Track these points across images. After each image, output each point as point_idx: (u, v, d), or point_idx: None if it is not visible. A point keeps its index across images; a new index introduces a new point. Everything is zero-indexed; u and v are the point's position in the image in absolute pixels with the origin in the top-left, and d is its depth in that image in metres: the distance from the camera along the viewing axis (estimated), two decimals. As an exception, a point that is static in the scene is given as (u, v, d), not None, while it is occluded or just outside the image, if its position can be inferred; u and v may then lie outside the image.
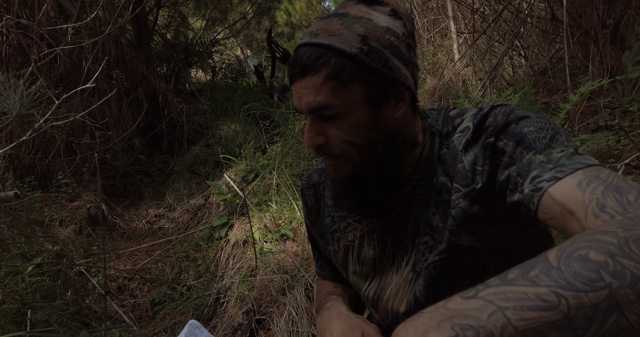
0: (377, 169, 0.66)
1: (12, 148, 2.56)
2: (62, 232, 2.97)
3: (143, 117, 4.17)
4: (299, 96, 0.62)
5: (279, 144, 3.74)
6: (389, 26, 0.62)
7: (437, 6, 4.33)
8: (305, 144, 0.65)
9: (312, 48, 0.60)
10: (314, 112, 0.62)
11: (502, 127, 0.60)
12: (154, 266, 2.89)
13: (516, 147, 0.58)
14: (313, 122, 0.64)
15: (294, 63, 0.62)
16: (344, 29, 0.60)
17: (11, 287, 1.92)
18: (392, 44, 0.61)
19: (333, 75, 0.59)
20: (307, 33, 0.63)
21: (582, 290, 0.35)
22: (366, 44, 0.60)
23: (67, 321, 2.00)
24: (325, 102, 0.60)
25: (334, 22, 0.61)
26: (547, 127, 0.58)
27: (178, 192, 4.04)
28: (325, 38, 0.60)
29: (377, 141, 0.64)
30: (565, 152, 0.55)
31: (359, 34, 0.60)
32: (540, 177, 0.53)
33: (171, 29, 5.83)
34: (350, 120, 0.62)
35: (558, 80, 2.78)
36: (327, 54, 0.59)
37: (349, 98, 0.61)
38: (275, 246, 2.49)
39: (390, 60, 0.61)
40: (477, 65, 3.37)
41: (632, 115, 2.05)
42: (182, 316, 2.35)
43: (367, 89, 0.61)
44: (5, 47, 3.39)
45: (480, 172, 0.62)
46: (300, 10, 9.61)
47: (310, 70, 0.60)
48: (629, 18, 2.45)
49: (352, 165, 0.66)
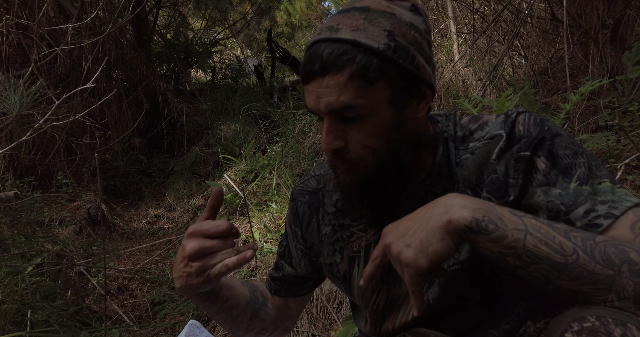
0: (397, 172, 0.62)
1: (12, 148, 2.56)
2: (62, 233, 2.97)
3: (143, 117, 4.17)
4: (316, 96, 0.57)
5: (279, 144, 3.74)
6: (412, 22, 0.58)
7: (437, 6, 4.33)
8: (324, 147, 0.60)
9: (334, 44, 0.55)
10: (334, 113, 0.57)
11: (538, 141, 0.59)
12: (154, 266, 2.89)
13: (552, 169, 0.58)
14: (332, 124, 0.59)
15: (311, 60, 0.57)
16: (368, 24, 0.56)
17: (11, 288, 1.92)
18: (416, 41, 0.58)
19: (359, 74, 0.55)
20: (325, 28, 0.58)
21: (596, 261, 0.46)
22: (393, 40, 0.55)
23: (67, 321, 2.00)
24: (350, 102, 0.55)
25: (356, 16, 0.57)
26: (580, 151, 0.58)
27: (178, 192, 4.04)
28: (349, 33, 0.55)
29: (400, 144, 0.60)
30: (606, 185, 0.56)
31: (384, 29, 0.56)
32: (595, 212, 0.54)
33: (171, 29, 5.83)
34: (373, 121, 0.58)
35: (558, 80, 2.78)
36: (352, 50, 0.54)
37: (374, 98, 0.56)
38: (275, 246, 2.49)
39: (416, 58, 0.57)
40: (477, 65, 3.37)
41: (632, 115, 2.05)
42: (182, 316, 2.35)
43: (393, 88, 0.57)
44: (5, 47, 3.39)
45: (513, 185, 0.60)
46: (300, 11, 9.61)
47: (333, 68, 0.55)
48: (629, 18, 2.45)
49: (367, 170, 0.61)
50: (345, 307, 1.96)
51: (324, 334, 1.87)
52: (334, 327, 1.90)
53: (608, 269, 0.46)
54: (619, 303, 0.46)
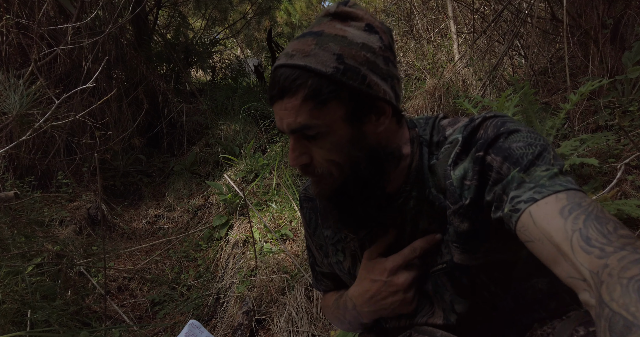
0: (360, 185, 0.66)
1: (12, 148, 2.56)
2: (62, 232, 2.97)
3: (143, 117, 4.17)
4: (280, 117, 0.62)
5: (279, 144, 3.74)
6: (365, 42, 0.61)
7: (437, 6, 4.33)
8: (290, 163, 0.65)
9: (289, 69, 0.60)
10: (295, 132, 0.62)
11: (491, 140, 0.60)
12: (154, 266, 2.89)
13: (503, 163, 0.58)
14: (296, 142, 0.64)
15: (272, 85, 0.62)
16: (319, 49, 0.59)
17: (11, 287, 1.92)
18: (368, 60, 0.60)
19: (311, 96, 0.59)
20: (283, 54, 0.63)
21: None
22: (342, 63, 0.59)
23: (67, 321, 2.00)
24: (305, 122, 0.60)
25: (309, 42, 0.61)
26: (536, 143, 0.58)
27: (178, 192, 4.04)
28: (301, 59, 0.59)
29: (359, 158, 0.64)
30: (549, 171, 0.55)
31: (334, 53, 0.59)
32: (519, 197, 0.54)
33: (171, 28, 5.82)
34: (332, 139, 0.62)
35: (558, 80, 2.78)
36: (304, 75, 0.59)
37: (329, 117, 0.60)
38: (275, 246, 2.49)
39: (368, 77, 0.60)
40: (477, 65, 3.37)
41: (632, 115, 2.05)
42: (182, 316, 2.35)
43: (346, 107, 0.61)
44: (5, 47, 3.39)
45: (468, 187, 0.62)
46: (300, 10, 9.60)
47: (288, 92, 0.59)
48: (629, 18, 2.45)
49: (335, 182, 0.65)
50: (345, 307, 1.96)
51: (324, 334, 1.87)
52: (333, 327, 1.90)
53: None
54: None
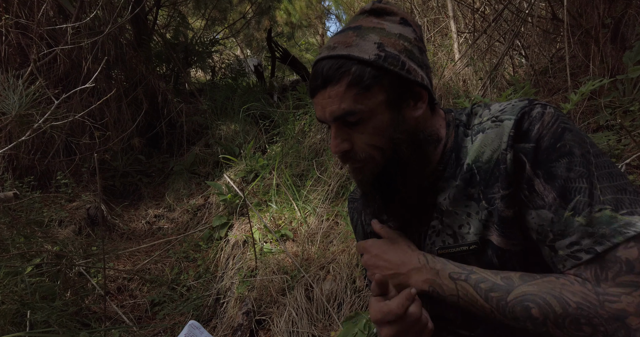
0: (402, 167, 0.68)
1: (11, 148, 2.55)
2: (61, 233, 2.96)
3: (142, 117, 4.17)
4: (322, 107, 0.65)
5: (279, 144, 3.73)
6: (401, 33, 0.66)
7: (438, 6, 4.33)
8: (332, 151, 0.67)
9: (332, 60, 0.63)
10: (338, 119, 0.65)
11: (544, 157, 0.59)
12: (153, 267, 2.88)
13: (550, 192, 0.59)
14: (338, 130, 0.66)
15: (314, 77, 0.65)
16: (360, 40, 0.64)
17: (10, 288, 1.91)
18: (406, 48, 0.65)
19: (355, 82, 0.62)
20: (325, 48, 0.66)
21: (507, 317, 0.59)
22: (382, 50, 0.63)
23: (67, 321, 2.00)
24: (349, 108, 0.63)
25: (350, 35, 0.65)
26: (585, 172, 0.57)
27: (178, 192, 4.03)
28: (343, 49, 0.63)
29: (401, 141, 0.66)
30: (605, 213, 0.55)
31: (374, 42, 0.63)
32: (579, 245, 0.56)
33: (171, 28, 5.82)
34: (374, 123, 0.65)
35: (559, 80, 2.77)
36: (347, 63, 0.62)
37: (372, 102, 0.63)
38: (275, 246, 2.49)
39: (407, 63, 0.64)
40: (477, 64, 3.36)
41: (633, 114, 2.04)
42: (181, 316, 2.34)
43: (387, 92, 0.64)
44: (5, 47, 3.38)
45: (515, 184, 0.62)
46: (300, 10, 9.60)
47: (332, 80, 0.63)
48: (629, 17, 2.44)
49: (377, 166, 0.68)
50: (346, 307, 1.96)
51: (324, 335, 1.87)
52: (334, 327, 1.89)
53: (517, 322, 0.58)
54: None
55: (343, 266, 2.08)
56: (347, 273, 2.05)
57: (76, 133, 3.86)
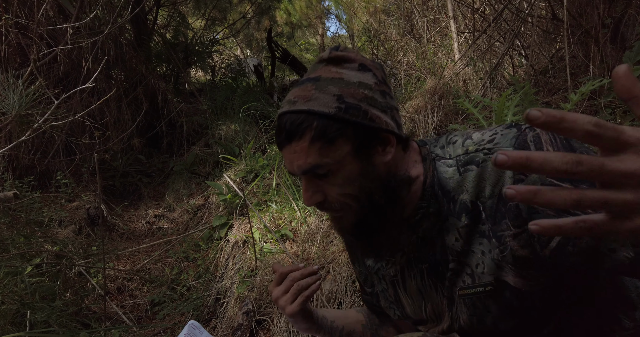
0: (378, 214, 0.68)
1: (11, 148, 2.55)
2: (61, 233, 2.96)
3: (142, 117, 4.16)
4: (289, 161, 0.65)
5: (279, 144, 3.73)
6: (360, 80, 0.65)
7: (437, 5, 4.33)
8: (305, 203, 0.67)
9: (293, 115, 0.63)
10: (307, 173, 0.65)
11: None
12: (153, 267, 2.88)
13: None
14: (308, 182, 0.66)
15: (279, 131, 0.65)
16: (319, 93, 0.63)
17: (10, 288, 1.91)
18: (366, 96, 0.64)
19: (318, 137, 0.62)
20: (285, 102, 0.66)
21: None
22: (342, 102, 0.62)
23: (67, 321, 2.00)
24: (316, 162, 0.63)
25: (308, 88, 0.64)
26: None
27: (177, 192, 4.03)
28: (303, 104, 0.63)
29: (372, 189, 0.66)
30: None
31: (333, 94, 0.62)
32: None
33: (170, 28, 5.82)
34: (343, 174, 0.64)
35: (559, 80, 2.77)
36: (309, 119, 0.62)
37: (337, 154, 0.63)
38: (275, 246, 2.49)
39: (369, 111, 0.63)
40: (477, 64, 3.36)
41: (633, 114, 2.04)
42: (181, 316, 2.34)
43: (352, 142, 0.63)
44: (5, 47, 3.38)
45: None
46: (300, 10, 9.60)
47: (296, 136, 0.63)
48: (629, 17, 2.44)
49: (354, 214, 0.68)
50: (346, 307, 1.95)
51: (324, 335, 1.87)
52: (334, 327, 1.89)
53: None
54: None
55: (343, 266, 2.08)
56: (347, 273, 2.05)
57: (76, 133, 3.86)
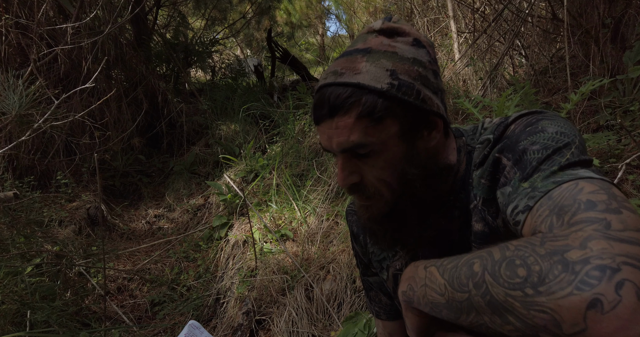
0: (413, 203, 0.64)
1: (11, 148, 2.55)
2: (61, 233, 2.96)
3: (142, 117, 4.17)
4: (328, 136, 0.60)
5: (279, 144, 3.73)
6: (415, 56, 0.60)
7: (437, 5, 4.33)
8: (340, 184, 0.63)
9: (339, 88, 0.58)
10: (347, 151, 0.60)
11: (513, 140, 0.57)
12: (153, 267, 2.88)
13: (513, 167, 0.55)
14: (345, 161, 0.61)
15: (320, 104, 0.60)
16: (371, 65, 0.58)
17: (10, 288, 1.91)
18: (420, 75, 0.60)
19: (366, 114, 0.57)
20: (330, 72, 0.61)
21: (455, 289, 0.46)
22: (396, 79, 0.58)
23: (67, 321, 2.00)
24: (359, 141, 0.58)
25: (358, 59, 0.59)
26: (551, 145, 0.52)
27: (178, 192, 4.04)
28: (352, 77, 0.58)
29: (413, 175, 0.62)
30: (546, 172, 0.50)
31: (386, 69, 0.58)
32: (517, 208, 0.50)
33: (171, 28, 5.82)
34: (385, 156, 0.60)
35: (559, 80, 2.77)
36: (357, 93, 0.57)
37: (383, 135, 0.59)
38: (275, 246, 2.49)
39: (422, 92, 0.59)
40: (477, 64, 3.36)
41: (633, 114, 2.04)
42: (181, 316, 2.34)
43: (400, 123, 0.59)
44: (5, 47, 3.38)
45: (482, 187, 0.61)
46: (300, 10, 9.60)
47: (340, 110, 0.58)
48: (629, 17, 2.44)
49: (385, 204, 0.64)
50: (346, 307, 1.96)
51: (324, 335, 1.87)
52: (334, 327, 1.89)
53: (463, 293, 0.44)
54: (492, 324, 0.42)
55: (343, 266, 2.08)
56: (347, 273, 2.05)
57: (76, 133, 3.86)
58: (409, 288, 0.55)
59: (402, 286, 0.57)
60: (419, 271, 0.54)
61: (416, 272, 0.55)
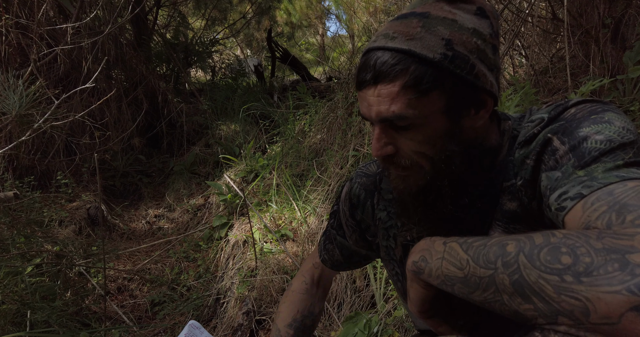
0: (453, 183, 0.60)
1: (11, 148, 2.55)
2: (61, 233, 2.96)
3: (142, 117, 4.17)
4: (368, 104, 0.57)
5: (279, 144, 3.73)
6: (476, 27, 0.55)
7: (437, 6, 4.33)
8: (373, 153, 0.59)
9: (388, 53, 0.54)
10: (385, 121, 0.57)
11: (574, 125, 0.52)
12: (153, 267, 2.89)
13: (568, 152, 0.51)
14: (382, 132, 0.58)
15: (364, 68, 0.56)
16: (426, 32, 0.54)
17: (11, 288, 1.91)
18: (478, 48, 0.55)
19: (412, 84, 0.53)
20: (381, 35, 0.57)
21: (480, 265, 0.44)
22: (450, 49, 0.53)
23: (67, 321, 2.00)
24: (400, 112, 0.54)
25: (414, 24, 0.55)
26: (617, 139, 0.49)
27: (178, 192, 4.04)
28: (404, 42, 0.54)
29: (454, 153, 0.58)
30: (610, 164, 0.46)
31: (442, 38, 0.54)
32: (566, 194, 0.47)
33: (171, 28, 5.82)
34: (425, 131, 0.56)
35: (559, 80, 2.77)
36: (406, 60, 0.53)
37: (427, 108, 0.55)
38: (275, 246, 2.49)
39: (476, 66, 0.55)
40: (477, 64, 3.36)
41: (634, 114, 2.04)
42: (182, 316, 2.34)
43: (447, 98, 0.55)
44: (5, 47, 3.38)
45: (526, 167, 0.57)
46: (300, 10, 9.60)
47: (385, 78, 0.54)
48: (629, 17, 2.44)
49: (424, 177, 0.60)
50: (346, 307, 1.95)
51: (324, 335, 1.87)
52: (334, 327, 1.89)
53: (487, 269, 0.43)
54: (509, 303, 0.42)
55: (343, 266, 2.08)
56: (347, 273, 2.05)
57: (76, 133, 3.86)
58: (421, 259, 0.53)
59: (414, 257, 0.54)
60: (436, 245, 0.52)
61: (432, 246, 0.52)
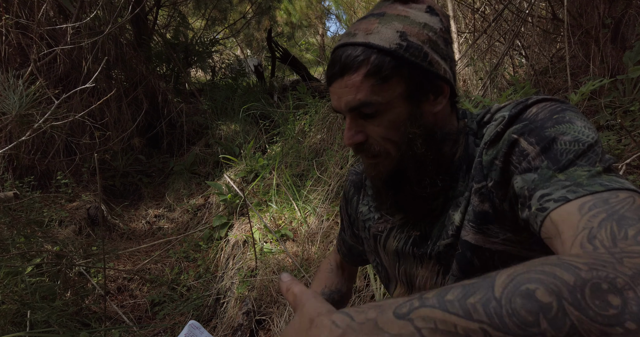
0: (416, 165, 0.65)
1: (11, 148, 2.55)
2: (61, 233, 2.96)
3: (142, 117, 4.17)
4: (338, 96, 0.63)
5: (279, 144, 3.73)
6: (427, 22, 0.62)
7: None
8: (345, 142, 0.65)
9: (351, 47, 0.61)
10: (353, 110, 0.62)
11: (537, 125, 0.55)
12: (153, 267, 2.88)
13: (540, 154, 0.53)
14: (352, 121, 0.64)
15: (332, 64, 0.62)
16: (382, 27, 0.61)
17: (11, 288, 1.91)
18: (430, 39, 0.61)
19: (373, 72, 0.59)
20: (345, 34, 0.64)
21: (513, 333, 0.30)
22: (405, 40, 0.60)
23: (67, 321, 2.00)
24: (366, 99, 0.60)
25: (372, 22, 0.62)
26: (584, 140, 0.51)
27: (178, 192, 4.04)
28: (364, 37, 0.61)
29: (416, 136, 0.63)
30: (591, 171, 0.48)
31: (397, 31, 0.60)
32: (549, 196, 0.48)
33: (171, 28, 5.82)
34: (390, 116, 0.62)
35: (559, 80, 2.77)
36: (367, 52, 0.59)
37: (389, 94, 0.61)
38: (275, 246, 2.49)
39: (429, 55, 0.61)
40: (477, 64, 3.36)
41: (633, 114, 2.04)
42: (181, 316, 2.34)
43: (406, 84, 0.61)
44: (5, 47, 3.38)
45: (495, 168, 0.59)
46: (300, 10, 9.60)
47: (350, 69, 0.60)
48: (629, 17, 2.45)
49: (391, 162, 0.66)
50: (347, 306, 1.95)
51: (324, 335, 1.87)
52: (334, 327, 1.89)
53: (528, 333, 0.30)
54: None
55: (343, 266, 2.08)
56: (347, 273, 2.05)
57: (76, 133, 3.86)
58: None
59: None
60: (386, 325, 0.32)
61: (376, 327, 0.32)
